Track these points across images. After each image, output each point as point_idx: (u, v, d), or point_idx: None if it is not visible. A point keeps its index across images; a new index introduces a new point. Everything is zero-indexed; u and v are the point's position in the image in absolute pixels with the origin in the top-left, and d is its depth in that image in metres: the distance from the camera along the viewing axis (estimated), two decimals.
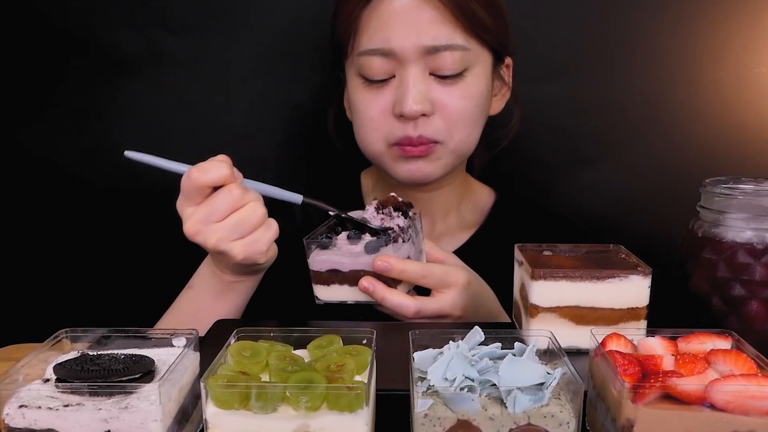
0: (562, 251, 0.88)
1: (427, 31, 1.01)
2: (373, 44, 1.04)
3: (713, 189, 0.88)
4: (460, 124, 1.06)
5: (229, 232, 0.88)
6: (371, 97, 1.06)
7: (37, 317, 1.19)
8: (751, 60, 1.30)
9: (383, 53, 1.03)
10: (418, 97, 1.02)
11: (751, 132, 1.33)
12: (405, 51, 1.02)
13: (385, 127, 1.06)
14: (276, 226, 0.92)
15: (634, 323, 0.79)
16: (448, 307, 0.94)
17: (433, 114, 1.04)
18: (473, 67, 1.05)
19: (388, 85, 1.05)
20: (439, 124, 1.05)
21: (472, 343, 0.66)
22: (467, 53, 1.04)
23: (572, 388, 0.60)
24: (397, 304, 0.91)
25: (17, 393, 0.60)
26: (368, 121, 1.08)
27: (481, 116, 1.10)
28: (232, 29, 1.33)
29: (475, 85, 1.06)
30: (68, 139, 1.37)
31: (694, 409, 0.57)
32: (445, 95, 1.04)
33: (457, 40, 1.02)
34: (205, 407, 0.59)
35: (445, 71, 1.03)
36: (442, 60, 1.02)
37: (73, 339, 0.70)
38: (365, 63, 1.05)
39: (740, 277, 0.84)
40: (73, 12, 1.32)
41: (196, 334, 0.70)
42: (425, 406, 0.59)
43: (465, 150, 1.10)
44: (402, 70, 1.03)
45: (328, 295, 0.94)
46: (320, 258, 0.92)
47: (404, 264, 0.91)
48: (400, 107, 1.03)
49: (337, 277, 0.92)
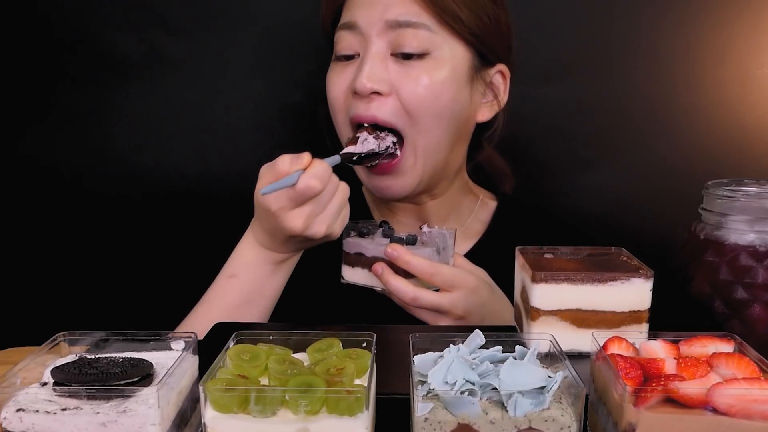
0: (563, 254, 0.88)
1: (394, 7, 1.01)
2: (343, 20, 1.05)
3: (715, 191, 0.87)
4: (419, 113, 1.02)
5: (333, 217, 0.96)
6: (337, 76, 1.06)
7: (34, 320, 1.19)
8: (754, 61, 1.30)
9: (349, 26, 1.04)
10: (371, 73, 1.00)
11: (754, 134, 1.33)
12: (368, 26, 1.02)
13: (345, 106, 1.06)
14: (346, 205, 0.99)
15: (635, 326, 0.78)
16: (447, 304, 0.95)
17: (389, 95, 1.02)
18: (437, 51, 1.02)
19: (353, 63, 1.05)
20: (395, 106, 1.02)
21: (472, 347, 0.66)
22: (432, 36, 1.01)
23: (573, 392, 0.59)
24: (397, 288, 0.95)
25: (15, 396, 0.60)
26: (333, 101, 1.08)
27: (448, 115, 1.05)
28: (230, 31, 1.33)
29: (437, 72, 1.02)
30: (66, 141, 1.37)
31: (696, 412, 0.57)
32: (403, 75, 1.02)
33: (422, 19, 1.01)
34: (204, 411, 0.59)
35: (406, 48, 1.01)
36: (404, 37, 1.01)
37: (71, 342, 0.69)
38: (337, 41, 1.06)
39: (742, 280, 0.84)
40: (71, 14, 1.32)
41: (194, 337, 0.69)
42: (425, 409, 0.58)
43: (432, 153, 1.06)
44: (365, 46, 1.03)
45: (350, 276, 1.02)
46: (352, 240, 1.01)
47: (411, 256, 0.94)
48: (353, 83, 1.02)
49: (360, 261, 1.00)
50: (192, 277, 1.07)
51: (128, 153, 1.37)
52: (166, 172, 1.29)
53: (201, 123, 1.35)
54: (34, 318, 1.32)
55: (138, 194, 1.38)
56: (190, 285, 1.06)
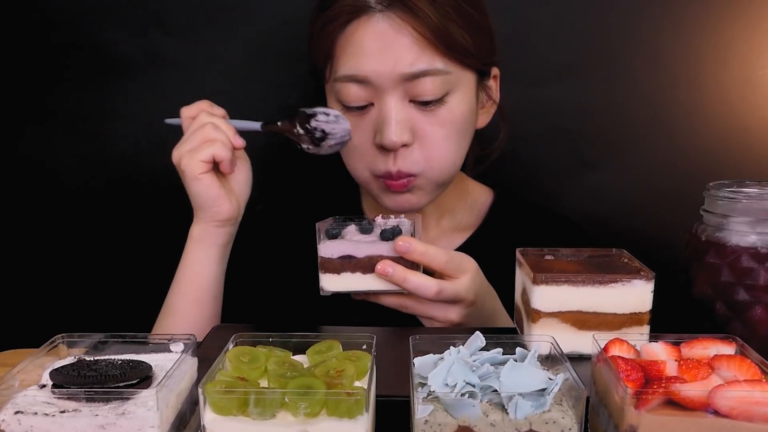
0: (564, 255, 0.88)
1: (404, 58, 0.97)
2: (348, 71, 1.00)
3: (717, 192, 0.87)
4: (439, 153, 1.03)
5: (185, 144, 0.98)
6: (353, 125, 1.02)
7: (33, 322, 1.19)
8: (756, 62, 1.30)
9: (358, 80, 0.99)
10: (398, 128, 0.99)
11: (756, 135, 1.32)
12: (381, 79, 0.98)
13: (368, 156, 1.04)
14: (220, 143, 0.97)
15: (636, 328, 0.78)
16: (464, 291, 0.92)
17: (413, 144, 1.01)
18: (455, 90, 1.01)
19: (367, 112, 1.02)
20: (418, 155, 1.02)
21: (473, 349, 0.66)
22: (448, 77, 1.00)
23: (574, 394, 0.59)
24: (420, 284, 0.90)
25: (13, 399, 0.60)
26: (352, 149, 1.05)
27: (464, 138, 1.06)
28: (229, 31, 1.32)
29: (458, 108, 1.02)
30: (66, 142, 1.37)
31: (697, 415, 0.57)
32: (426, 123, 1.01)
33: (436, 65, 0.98)
34: (203, 413, 0.58)
35: (426, 97, 0.99)
36: (422, 86, 0.98)
37: (69, 344, 0.69)
38: (341, 90, 1.01)
39: (744, 282, 0.84)
40: (69, 15, 1.32)
41: (194, 340, 0.69)
42: (426, 412, 0.58)
43: (448, 176, 1.07)
44: (380, 98, 1.00)
45: (335, 285, 0.92)
46: (333, 244, 0.91)
47: (426, 246, 0.90)
48: (380, 138, 1.00)
49: (350, 264, 0.91)
50: None
51: (128, 154, 1.37)
52: (165, 173, 1.28)
53: None
54: (32, 320, 1.32)
55: (137, 195, 1.38)
56: None
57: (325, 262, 0.92)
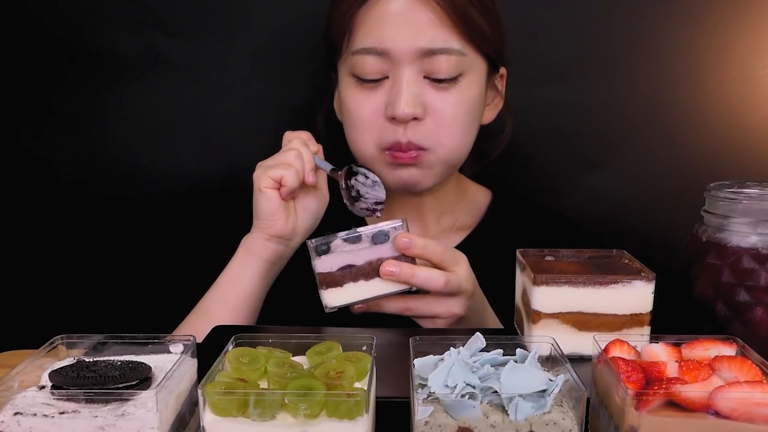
0: (564, 256, 0.88)
1: (424, 33, 1.01)
2: (368, 43, 1.03)
3: (717, 193, 0.87)
4: (449, 131, 1.05)
5: (268, 160, 1.02)
6: (363, 98, 1.06)
7: (32, 323, 1.19)
8: (756, 63, 1.30)
9: (377, 52, 1.02)
10: (411, 99, 1.01)
11: (756, 135, 1.32)
12: (399, 52, 1.01)
13: (377, 129, 1.05)
14: (294, 171, 0.99)
15: (637, 329, 0.78)
16: (464, 281, 0.94)
17: (424, 118, 1.03)
18: (468, 73, 1.04)
19: (381, 86, 1.05)
20: (428, 129, 1.04)
21: (473, 350, 0.66)
22: (463, 58, 1.03)
23: (575, 395, 0.59)
24: (428, 276, 0.91)
25: (12, 400, 0.60)
26: (359, 122, 1.07)
27: (473, 124, 1.09)
28: (229, 32, 1.32)
29: (469, 91, 1.05)
30: (65, 142, 1.37)
31: (698, 416, 0.57)
32: (439, 100, 1.03)
33: (453, 44, 1.02)
34: (203, 414, 0.58)
35: (441, 75, 1.02)
36: (438, 63, 1.02)
37: (69, 345, 0.69)
38: (358, 62, 1.04)
39: (745, 283, 0.83)
40: (70, 15, 1.32)
41: (193, 341, 0.69)
42: (426, 413, 0.58)
43: (456, 158, 1.09)
44: (396, 71, 1.03)
45: (341, 298, 0.91)
46: (328, 257, 0.90)
47: (425, 240, 0.92)
48: (392, 109, 1.02)
49: (351, 274, 0.90)
50: (191, 279, 1.06)
51: (127, 154, 1.37)
52: (165, 174, 1.29)
53: (200, 124, 1.34)
54: (32, 321, 1.31)
55: (137, 195, 1.38)
56: (189, 287, 1.06)
57: (326, 276, 0.90)
